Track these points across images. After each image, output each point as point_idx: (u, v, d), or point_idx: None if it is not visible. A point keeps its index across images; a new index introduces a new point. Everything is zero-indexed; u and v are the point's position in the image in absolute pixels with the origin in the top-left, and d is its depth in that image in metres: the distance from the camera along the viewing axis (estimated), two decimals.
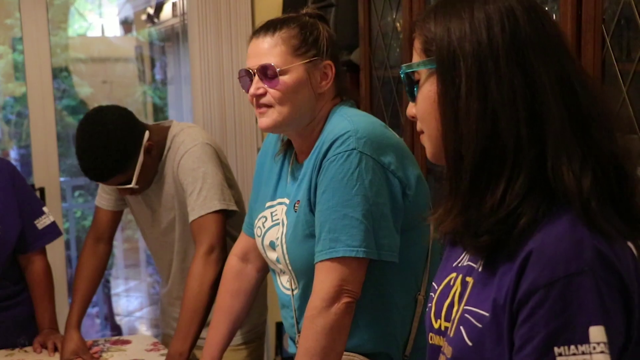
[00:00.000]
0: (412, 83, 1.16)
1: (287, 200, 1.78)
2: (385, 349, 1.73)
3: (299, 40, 1.70)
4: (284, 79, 1.68)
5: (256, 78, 1.71)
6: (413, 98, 1.17)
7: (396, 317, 1.72)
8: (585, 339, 0.96)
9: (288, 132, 1.77)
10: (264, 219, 1.83)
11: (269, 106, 1.70)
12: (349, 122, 1.64)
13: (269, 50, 1.69)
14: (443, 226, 1.13)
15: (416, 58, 1.16)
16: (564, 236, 1.01)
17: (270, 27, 1.71)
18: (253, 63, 1.72)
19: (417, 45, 1.15)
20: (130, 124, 2.21)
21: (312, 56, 1.70)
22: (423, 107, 1.15)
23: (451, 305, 1.16)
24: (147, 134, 2.22)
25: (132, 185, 2.18)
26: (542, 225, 1.03)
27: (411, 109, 1.19)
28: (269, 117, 1.70)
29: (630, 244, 1.05)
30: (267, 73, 1.69)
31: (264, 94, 1.70)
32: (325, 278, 1.60)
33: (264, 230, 1.83)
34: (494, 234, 1.06)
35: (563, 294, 0.98)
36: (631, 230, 1.05)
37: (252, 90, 1.71)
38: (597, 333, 0.96)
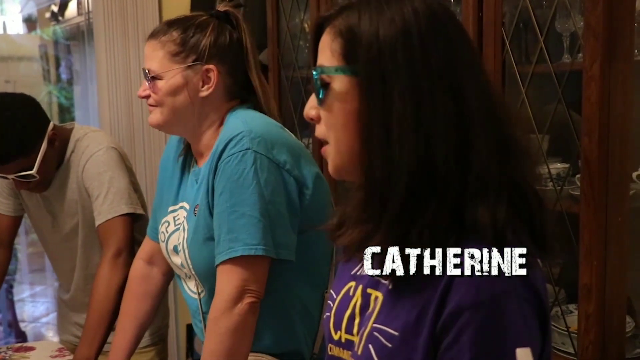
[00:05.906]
0: (324, 85, 1.03)
1: (187, 205, 1.77)
2: (295, 347, 1.73)
3: (176, 46, 1.71)
4: (160, 83, 1.71)
5: (144, 80, 1.75)
6: (321, 102, 1.04)
7: (303, 316, 1.73)
8: None
9: (177, 132, 1.81)
10: (167, 224, 1.82)
11: (154, 106, 1.75)
12: (242, 123, 1.64)
13: (150, 54, 1.73)
14: (348, 242, 1.07)
15: (331, 60, 1.03)
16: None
17: (158, 30, 1.74)
18: (144, 65, 1.77)
19: (334, 46, 1.02)
20: (35, 110, 2.18)
21: (191, 61, 1.70)
22: (335, 117, 1.03)
23: (352, 317, 1.10)
24: (51, 124, 2.18)
25: (34, 171, 2.11)
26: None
27: (312, 111, 1.07)
28: (153, 116, 1.77)
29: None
30: (148, 76, 1.73)
31: (148, 96, 1.75)
32: (227, 279, 1.60)
33: (167, 235, 1.82)
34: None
35: (489, 316, 0.94)
36: (541, 253, 1.02)
37: (139, 91, 1.76)
38: (523, 355, 0.90)
